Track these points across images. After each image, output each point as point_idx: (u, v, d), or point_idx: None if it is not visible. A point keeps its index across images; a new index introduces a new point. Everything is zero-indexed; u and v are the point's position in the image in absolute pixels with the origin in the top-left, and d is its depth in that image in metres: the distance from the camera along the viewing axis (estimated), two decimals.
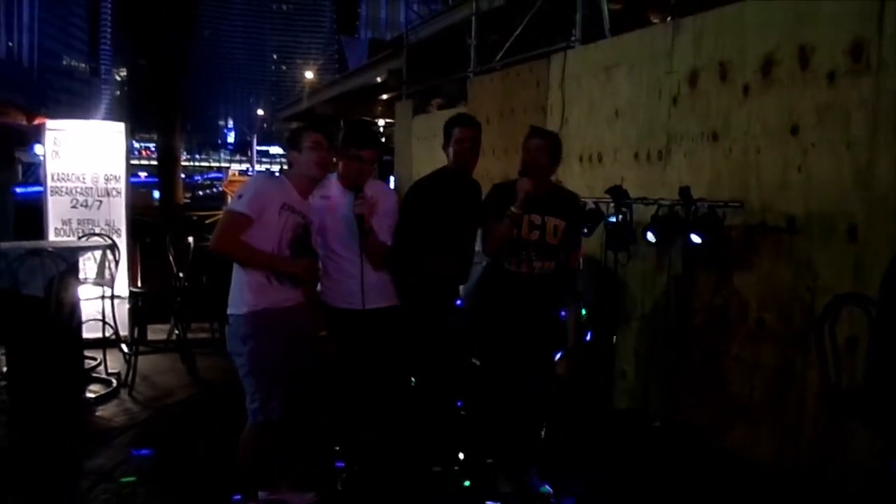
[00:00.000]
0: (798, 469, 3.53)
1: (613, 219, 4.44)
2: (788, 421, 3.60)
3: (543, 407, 3.65)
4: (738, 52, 3.97)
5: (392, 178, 11.06)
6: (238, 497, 3.19)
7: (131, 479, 3.66)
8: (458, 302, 3.79)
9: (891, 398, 2.56)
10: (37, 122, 7.15)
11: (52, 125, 6.52)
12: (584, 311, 3.59)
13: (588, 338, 3.65)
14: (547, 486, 3.54)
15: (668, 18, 5.49)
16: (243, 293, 3.01)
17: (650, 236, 4.17)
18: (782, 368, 3.65)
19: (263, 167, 36.06)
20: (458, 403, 3.97)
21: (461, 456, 3.73)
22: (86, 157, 6.45)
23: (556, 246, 3.42)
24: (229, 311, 3.05)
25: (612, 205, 4.47)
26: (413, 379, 3.73)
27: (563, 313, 3.57)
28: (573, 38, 6.04)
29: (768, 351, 3.74)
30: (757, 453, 3.78)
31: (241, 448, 3.11)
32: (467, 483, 3.59)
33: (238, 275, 3.04)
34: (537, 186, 3.35)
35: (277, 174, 3.30)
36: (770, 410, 3.72)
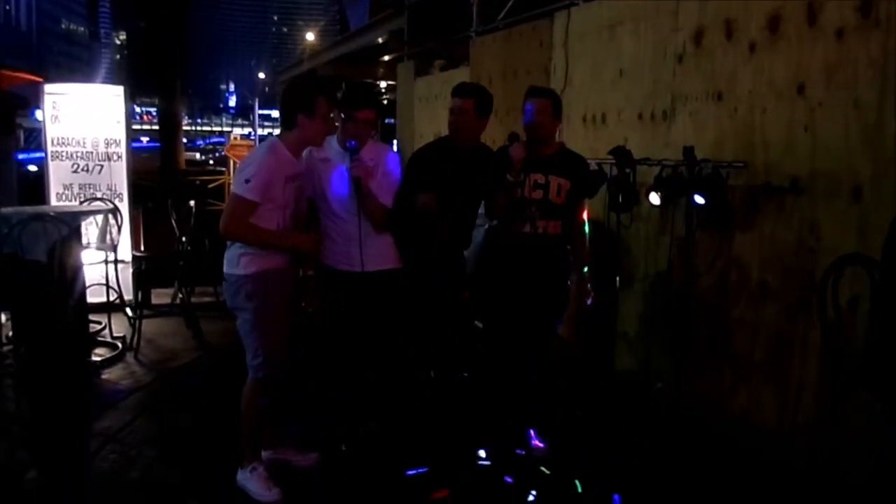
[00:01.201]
0: (799, 430, 3.54)
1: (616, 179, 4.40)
2: (790, 383, 3.61)
3: (540, 382, 3.66)
4: (745, 8, 3.89)
5: (395, 141, 10.94)
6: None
7: None
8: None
9: (891, 362, 2.55)
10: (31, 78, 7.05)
11: (51, 89, 6.43)
12: (586, 270, 3.56)
13: (590, 302, 3.63)
14: (541, 444, 3.57)
15: None
16: (247, 257, 3.05)
17: (653, 197, 4.14)
18: (784, 330, 3.64)
19: (266, 131, 35.84)
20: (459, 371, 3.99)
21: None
22: (86, 121, 6.38)
23: (561, 206, 3.39)
24: (228, 270, 3.08)
25: (614, 166, 4.42)
26: (415, 345, 3.73)
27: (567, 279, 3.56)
28: None
29: (770, 312, 3.73)
30: (759, 416, 3.80)
31: (244, 404, 3.17)
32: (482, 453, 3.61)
33: None
34: (542, 147, 3.30)
35: (274, 142, 3.12)
36: (772, 373, 3.73)
